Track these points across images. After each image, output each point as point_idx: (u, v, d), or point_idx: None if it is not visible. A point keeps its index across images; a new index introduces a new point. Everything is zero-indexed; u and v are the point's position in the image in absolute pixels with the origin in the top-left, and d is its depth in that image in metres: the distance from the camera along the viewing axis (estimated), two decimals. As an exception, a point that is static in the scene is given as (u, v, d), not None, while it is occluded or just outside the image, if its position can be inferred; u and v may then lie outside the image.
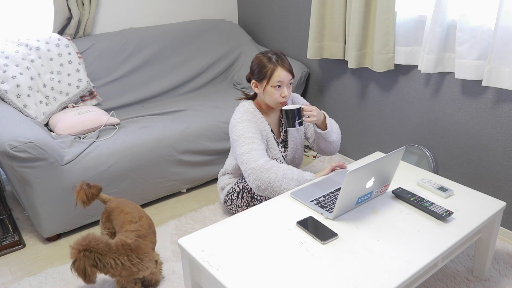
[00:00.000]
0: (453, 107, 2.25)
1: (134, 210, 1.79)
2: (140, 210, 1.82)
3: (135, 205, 1.85)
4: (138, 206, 1.86)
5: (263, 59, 1.97)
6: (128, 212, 1.77)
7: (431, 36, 2.10)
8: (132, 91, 2.86)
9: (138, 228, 1.69)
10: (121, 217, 1.75)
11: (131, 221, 1.72)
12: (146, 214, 1.83)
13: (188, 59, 3.08)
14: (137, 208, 1.82)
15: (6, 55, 2.36)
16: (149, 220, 1.81)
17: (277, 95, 1.96)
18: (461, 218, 1.61)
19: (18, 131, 1.97)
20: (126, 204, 1.83)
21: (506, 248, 2.10)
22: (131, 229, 1.68)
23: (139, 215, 1.77)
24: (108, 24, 2.94)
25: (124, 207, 1.81)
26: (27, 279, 1.92)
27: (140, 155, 2.28)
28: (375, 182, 1.63)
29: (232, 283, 1.29)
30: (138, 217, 1.75)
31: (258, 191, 1.91)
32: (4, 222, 2.30)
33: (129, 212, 1.77)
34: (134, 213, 1.77)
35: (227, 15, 3.52)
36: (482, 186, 2.22)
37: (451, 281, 1.88)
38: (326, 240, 1.46)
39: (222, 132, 2.56)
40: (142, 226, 1.72)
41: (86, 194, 1.79)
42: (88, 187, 1.81)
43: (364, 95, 2.72)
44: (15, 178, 2.07)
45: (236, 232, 1.53)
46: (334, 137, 2.14)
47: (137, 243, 1.64)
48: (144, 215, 1.81)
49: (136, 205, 1.86)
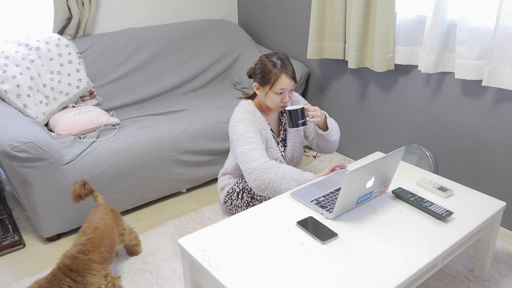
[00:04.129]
0: (453, 107, 2.25)
1: (95, 220, 1.74)
2: (101, 220, 1.75)
3: (104, 214, 1.80)
4: (106, 215, 1.80)
5: (268, 64, 1.95)
6: (88, 221, 1.75)
7: (431, 36, 2.10)
8: (132, 91, 2.86)
9: (84, 242, 1.64)
10: (83, 225, 1.75)
11: (84, 232, 1.70)
12: (107, 225, 1.75)
13: (188, 59, 3.08)
14: (101, 218, 1.76)
15: (6, 55, 2.36)
16: (108, 232, 1.73)
17: (278, 100, 1.97)
18: (461, 218, 1.61)
19: (18, 131, 1.97)
20: (96, 212, 1.81)
21: (506, 248, 2.10)
22: (78, 242, 1.65)
23: (95, 226, 1.71)
24: (108, 24, 2.94)
25: (91, 214, 1.79)
26: (27, 279, 1.92)
27: (140, 155, 2.28)
28: (375, 182, 1.63)
29: (232, 283, 1.29)
30: (92, 228, 1.70)
31: (258, 191, 1.91)
32: (4, 222, 2.30)
33: (89, 221, 1.74)
34: (93, 223, 1.73)
35: (227, 15, 3.52)
36: (482, 186, 2.22)
37: (451, 281, 1.88)
38: (326, 240, 1.46)
39: (222, 132, 2.56)
40: (91, 239, 1.66)
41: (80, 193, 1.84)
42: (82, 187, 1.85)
43: (364, 95, 2.72)
44: (15, 178, 2.07)
45: (236, 232, 1.53)
46: (334, 137, 2.15)
47: (76, 260, 1.57)
48: (102, 226, 1.73)
49: (105, 214, 1.80)
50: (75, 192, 1.84)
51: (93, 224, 1.73)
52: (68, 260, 1.57)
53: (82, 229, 1.73)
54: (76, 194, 1.84)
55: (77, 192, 1.84)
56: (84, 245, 1.63)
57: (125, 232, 1.93)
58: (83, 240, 1.65)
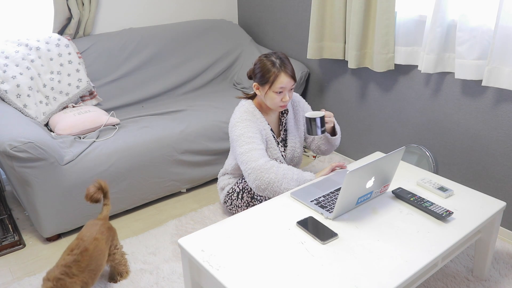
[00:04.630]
0: (453, 107, 2.25)
1: (87, 239, 1.62)
2: (93, 242, 1.62)
3: (99, 233, 1.67)
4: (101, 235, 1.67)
5: (267, 63, 1.95)
6: (79, 238, 1.62)
7: (431, 36, 2.10)
8: (132, 91, 2.86)
9: (69, 264, 1.53)
10: (74, 241, 1.62)
11: (71, 250, 1.57)
12: (97, 248, 1.63)
13: (188, 59, 3.08)
14: (94, 238, 1.63)
15: (6, 55, 2.36)
16: (96, 256, 1.61)
17: (278, 99, 1.97)
18: (461, 218, 1.61)
19: (18, 131, 1.97)
20: (91, 228, 1.68)
21: (506, 248, 2.10)
22: (62, 262, 1.54)
23: (84, 247, 1.58)
24: (108, 24, 2.94)
25: (85, 229, 1.67)
26: (27, 279, 1.92)
27: (140, 155, 2.28)
28: (375, 182, 1.63)
29: (232, 283, 1.29)
30: (81, 248, 1.58)
31: (258, 191, 1.91)
32: (4, 222, 2.30)
33: (80, 239, 1.62)
34: (83, 242, 1.60)
35: (227, 15, 3.52)
36: (482, 186, 2.22)
37: (451, 281, 1.88)
38: (326, 240, 1.46)
39: (222, 132, 2.56)
40: (78, 261, 1.55)
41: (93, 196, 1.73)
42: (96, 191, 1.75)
43: (364, 95, 2.72)
44: (15, 178, 2.07)
45: (236, 232, 1.53)
46: (338, 141, 2.19)
47: (58, 284, 1.47)
48: (92, 248, 1.60)
49: (99, 233, 1.67)
50: (88, 194, 1.73)
51: (83, 244, 1.60)
52: (51, 283, 1.48)
53: (71, 246, 1.60)
54: (89, 197, 1.73)
55: (90, 195, 1.73)
56: (69, 268, 1.53)
57: (117, 252, 1.81)
58: (69, 261, 1.54)
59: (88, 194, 1.73)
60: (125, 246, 2.11)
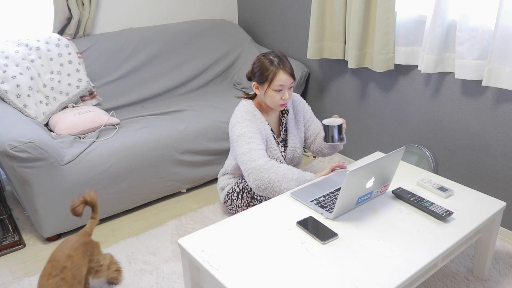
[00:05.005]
0: (453, 107, 2.25)
1: (61, 258, 1.53)
2: (67, 259, 1.53)
3: (70, 250, 1.56)
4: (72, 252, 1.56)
5: (265, 62, 1.96)
6: (52, 261, 1.53)
7: (431, 36, 2.10)
8: (132, 91, 2.86)
9: (59, 282, 1.47)
10: (46, 266, 1.52)
11: (50, 274, 1.49)
12: (73, 263, 1.54)
13: (188, 59, 3.08)
14: (68, 256, 1.54)
15: (6, 55, 2.36)
16: (76, 269, 1.54)
17: (277, 98, 1.97)
18: (461, 218, 1.61)
19: (18, 131, 1.97)
20: (61, 247, 1.58)
21: (506, 248, 2.10)
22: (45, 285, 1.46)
23: (62, 266, 1.51)
24: (108, 24, 2.94)
25: (55, 251, 1.57)
26: (27, 279, 1.92)
27: (140, 155, 2.28)
28: (375, 182, 1.63)
29: (232, 283, 1.29)
30: (60, 268, 1.50)
31: (258, 191, 1.91)
32: (4, 222, 2.30)
33: (53, 261, 1.52)
34: (59, 261, 1.52)
35: (227, 15, 3.52)
36: (482, 186, 2.22)
37: (451, 281, 1.88)
38: (326, 240, 1.46)
39: (222, 132, 2.56)
40: (63, 279, 1.48)
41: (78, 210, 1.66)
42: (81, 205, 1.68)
43: (364, 95, 2.72)
44: (15, 178, 2.07)
45: (236, 232, 1.53)
46: (341, 146, 2.20)
47: None
48: (69, 264, 1.52)
49: (72, 250, 1.56)
50: (71, 207, 1.66)
51: (59, 264, 1.51)
52: None
53: (47, 271, 1.50)
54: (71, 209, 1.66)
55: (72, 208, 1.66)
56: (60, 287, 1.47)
57: (100, 270, 1.71)
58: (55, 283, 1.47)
59: (71, 207, 1.64)
60: (125, 246, 2.11)
